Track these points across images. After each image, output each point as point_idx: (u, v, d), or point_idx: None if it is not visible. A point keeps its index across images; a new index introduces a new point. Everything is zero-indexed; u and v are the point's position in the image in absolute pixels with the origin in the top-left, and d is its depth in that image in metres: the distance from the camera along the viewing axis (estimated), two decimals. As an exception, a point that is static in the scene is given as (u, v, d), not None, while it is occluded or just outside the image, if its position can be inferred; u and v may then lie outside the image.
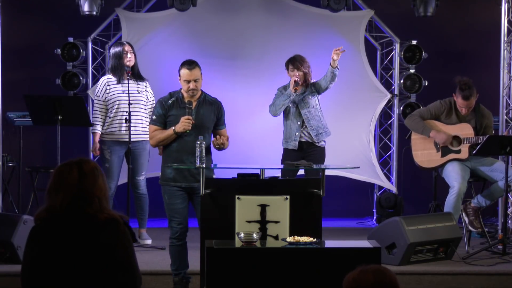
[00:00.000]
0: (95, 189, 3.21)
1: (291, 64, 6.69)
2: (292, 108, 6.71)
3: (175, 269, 5.51)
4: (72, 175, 3.21)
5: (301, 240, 4.70)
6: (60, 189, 3.20)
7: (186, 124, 5.33)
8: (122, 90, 6.80)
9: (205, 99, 5.51)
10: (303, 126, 6.72)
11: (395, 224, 6.04)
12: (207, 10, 8.04)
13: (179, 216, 5.38)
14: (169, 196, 5.43)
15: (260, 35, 8.07)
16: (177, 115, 5.41)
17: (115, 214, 3.24)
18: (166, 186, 5.45)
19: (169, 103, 5.47)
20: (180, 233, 5.42)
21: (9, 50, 7.73)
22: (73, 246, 3.15)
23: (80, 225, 3.17)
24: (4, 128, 7.64)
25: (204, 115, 5.45)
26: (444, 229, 6.19)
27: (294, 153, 6.71)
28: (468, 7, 8.71)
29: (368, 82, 8.13)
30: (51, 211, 3.20)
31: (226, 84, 7.95)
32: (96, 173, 3.25)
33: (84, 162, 3.26)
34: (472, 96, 6.59)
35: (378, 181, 8.23)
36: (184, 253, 5.49)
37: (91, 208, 3.19)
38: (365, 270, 2.68)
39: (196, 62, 5.51)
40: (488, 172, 6.68)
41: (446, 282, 5.86)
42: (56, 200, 3.19)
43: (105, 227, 3.18)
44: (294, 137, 6.71)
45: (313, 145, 6.75)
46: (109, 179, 6.87)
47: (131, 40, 7.58)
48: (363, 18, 8.16)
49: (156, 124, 5.48)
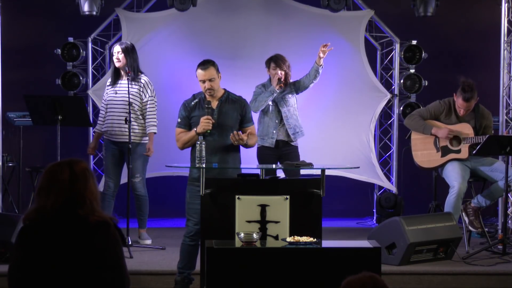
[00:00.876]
0: (86, 191, 3.18)
1: (273, 62, 6.83)
2: (271, 106, 6.84)
3: (181, 267, 5.50)
4: (63, 176, 3.17)
5: (301, 240, 4.70)
6: (51, 190, 3.16)
7: (206, 124, 5.34)
8: (114, 91, 6.84)
9: (228, 97, 5.54)
10: (280, 124, 6.83)
11: (395, 224, 6.04)
12: (207, 10, 8.04)
13: (196, 217, 5.34)
14: (190, 195, 5.42)
15: (260, 35, 8.08)
16: (200, 115, 5.43)
17: (105, 216, 3.21)
18: (190, 185, 5.44)
19: (192, 105, 5.51)
20: (194, 233, 5.41)
21: (9, 50, 7.73)
22: (63, 247, 3.12)
23: (70, 226, 3.15)
24: (4, 128, 7.64)
25: (227, 113, 5.47)
26: (444, 229, 6.19)
27: (270, 151, 6.83)
28: (468, 7, 8.71)
29: (368, 82, 8.13)
30: (41, 212, 3.17)
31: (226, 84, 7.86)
32: (87, 174, 3.22)
33: (75, 163, 3.22)
34: (473, 98, 6.60)
35: (378, 181, 8.23)
36: (194, 254, 5.49)
37: (82, 210, 3.16)
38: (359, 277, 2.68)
39: (212, 61, 5.49)
40: (488, 172, 6.68)
41: (446, 282, 5.86)
42: (47, 201, 3.16)
43: (96, 229, 3.16)
44: (271, 134, 6.82)
45: (288, 144, 6.88)
46: (107, 177, 6.92)
47: (131, 40, 7.57)
48: (363, 18, 8.16)
49: (181, 126, 5.52)
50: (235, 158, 5.47)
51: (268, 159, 6.81)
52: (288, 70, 6.84)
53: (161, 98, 7.27)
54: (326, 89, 8.05)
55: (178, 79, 7.95)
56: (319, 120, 8.13)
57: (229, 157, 5.45)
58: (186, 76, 7.69)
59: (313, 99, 8.01)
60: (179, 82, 7.91)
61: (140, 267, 5.97)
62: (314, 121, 8.08)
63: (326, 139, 8.04)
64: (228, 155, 5.44)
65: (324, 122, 8.13)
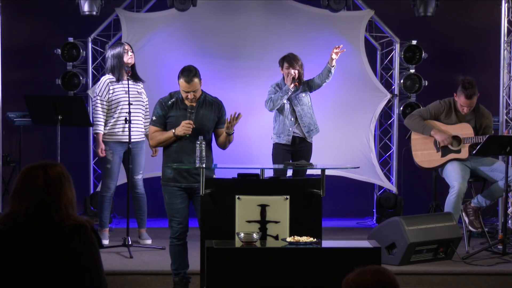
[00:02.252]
0: (61, 196, 3.11)
1: (287, 62, 6.94)
2: (286, 105, 6.94)
3: (175, 268, 5.51)
4: (37, 180, 3.10)
5: (301, 240, 4.70)
6: (24, 195, 3.10)
7: (187, 128, 5.33)
8: (124, 91, 6.77)
9: (205, 99, 5.50)
10: (296, 123, 6.94)
11: (395, 224, 6.04)
12: (207, 10, 8.03)
13: (179, 216, 5.38)
14: (169, 196, 5.43)
15: (260, 35, 8.07)
16: (177, 116, 5.41)
17: (82, 220, 3.14)
18: (166, 186, 5.45)
19: (169, 104, 5.47)
20: (180, 233, 5.42)
21: (9, 50, 7.73)
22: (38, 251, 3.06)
23: (45, 231, 3.08)
24: (4, 128, 7.64)
25: (204, 115, 5.45)
26: (444, 229, 6.19)
27: (286, 147, 6.97)
28: (468, 7, 8.70)
29: (368, 82, 8.13)
30: (14, 216, 3.10)
31: (226, 84, 7.95)
32: (62, 179, 3.13)
33: (49, 167, 3.14)
34: (474, 95, 6.61)
35: (378, 181, 8.23)
36: (184, 253, 5.50)
37: (57, 215, 3.09)
38: (364, 271, 2.68)
39: (195, 70, 5.39)
40: (488, 172, 6.68)
41: (446, 282, 5.86)
42: (21, 206, 3.09)
43: (72, 233, 3.09)
44: (287, 132, 6.93)
45: (305, 141, 7.02)
46: (110, 180, 6.88)
47: (131, 40, 7.59)
48: (363, 18, 8.16)
49: (156, 125, 5.48)
50: (209, 160, 5.41)
51: (282, 155, 6.89)
52: (301, 69, 6.97)
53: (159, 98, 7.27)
54: (326, 89, 8.03)
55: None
56: (319, 120, 8.08)
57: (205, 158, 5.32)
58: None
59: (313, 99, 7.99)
60: (179, 82, 7.89)
61: (140, 267, 5.97)
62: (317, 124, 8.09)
63: (326, 139, 8.03)
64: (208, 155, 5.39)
65: (324, 122, 8.10)
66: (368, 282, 2.65)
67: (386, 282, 2.66)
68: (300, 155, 6.91)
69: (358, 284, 2.66)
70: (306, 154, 6.95)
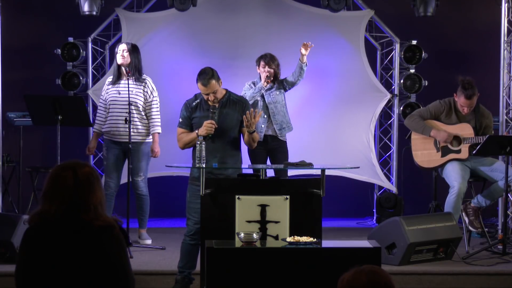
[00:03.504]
0: (90, 197, 3.15)
1: (263, 60, 7.03)
2: (260, 102, 6.98)
3: (181, 266, 5.50)
4: (67, 181, 3.14)
5: (301, 240, 4.70)
6: (54, 195, 3.14)
7: (209, 128, 5.36)
8: (117, 91, 6.83)
9: (229, 98, 5.54)
10: (269, 120, 6.97)
11: (395, 224, 6.04)
12: (207, 10, 8.03)
13: (197, 216, 5.35)
14: (190, 195, 5.43)
15: (260, 35, 8.07)
16: (201, 117, 5.47)
17: (110, 220, 3.18)
18: (191, 184, 5.46)
19: (193, 105, 5.53)
20: (194, 232, 5.42)
21: (9, 50, 7.74)
22: (67, 251, 3.10)
23: (74, 231, 3.13)
24: (4, 128, 7.64)
25: (228, 114, 5.48)
26: (444, 229, 6.19)
27: (258, 146, 6.84)
28: (468, 7, 8.71)
29: (368, 82, 8.13)
30: (44, 216, 3.14)
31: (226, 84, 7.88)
32: (91, 179, 3.17)
33: (79, 167, 3.17)
34: (474, 95, 6.61)
35: (378, 181, 8.23)
36: (194, 253, 5.49)
37: (86, 215, 3.13)
38: (359, 271, 2.68)
39: (211, 72, 5.43)
40: (488, 172, 6.68)
41: (446, 282, 5.85)
42: (51, 206, 3.13)
43: (101, 233, 3.13)
44: (260, 129, 6.91)
45: (277, 139, 7.01)
46: (107, 177, 6.91)
47: (131, 40, 7.57)
48: (363, 18, 8.16)
49: (182, 127, 5.55)
50: (235, 159, 5.47)
51: (257, 154, 6.88)
52: (277, 69, 7.00)
53: (161, 98, 7.26)
54: (326, 89, 8.05)
55: (178, 79, 7.95)
56: (319, 120, 8.13)
57: (229, 158, 5.46)
58: (186, 76, 7.68)
59: (313, 99, 8.01)
60: (179, 82, 7.91)
61: (140, 267, 5.97)
62: (314, 121, 8.09)
63: (326, 139, 8.03)
64: (228, 156, 5.46)
65: (324, 122, 8.12)
66: (363, 282, 2.65)
67: (380, 282, 2.66)
68: (275, 153, 6.92)
69: (353, 285, 2.66)
70: (281, 152, 6.94)
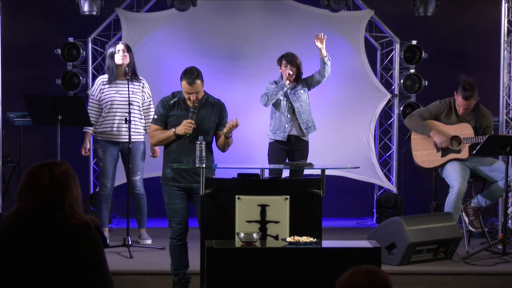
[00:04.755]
0: (66, 194, 3.13)
1: (285, 59, 7.00)
2: (283, 101, 6.97)
3: (175, 269, 5.51)
4: (42, 178, 3.12)
5: (301, 240, 4.70)
6: (30, 193, 3.12)
7: (188, 127, 5.34)
8: (115, 90, 6.82)
9: (208, 100, 5.51)
10: (292, 120, 6.95)
11: (395, 224, 6.04)
12: (207, 10, 8.03)
13: (178, 216, 5.38)
14: (168, 196, 5.44)
15: (260, 35, 8.07)
16: (178, 115, 5.43)
17: (86, 219, 3.15)
18: (165, 186, 5.46)
19: (171, 103, 5.49)
20: (179, 233, 5.43)
21: (9, 50, 7.73)
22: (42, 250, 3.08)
23: (50, 229, 3.10)
24: (4, 128, 7.64)
25: (205, 116, 5.45)
26: (444, 229, 6.19)
27: (281, 145, 6.96)
28: (468, 7, 8.71)
29: (368, 82, 8.13)
30: (20, 214, 3.12)
31: (226, 84, 7.95)
32: (67, 177, 3.15)
33: (55, 165, 3.16)
34: (472, 97, 6.60)
35: (378, 181, 8.23)
36: (184, 253, 5.50)
37: (61, 213, 3.11)
38: (357, 271, 2.68)
39: (197, 72, 5.42)
40: (488, 172, 6.68)
41: (446, 282, 5.86)
42: (26, 204, 3.11)
43: (76, 232, 3.10)
44: (283, 129, 6.93)
45: (300, 139, 7.01)
46: (104, 178, 6.90)
47: (131, 40, 7.58)
48: (363, 18, 8.16)
49: (157, 123, 5.50)
50: (209, 160, 5.42)
51: (279, 154, 6.89)
52: (299, 67, 7.01)
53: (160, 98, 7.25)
54: (326, 89, 8.04)
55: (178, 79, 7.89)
56: (319, 120, 8.08)
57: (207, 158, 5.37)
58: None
59: (313, 99, 7.99)
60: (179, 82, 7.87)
61: (140, 267, 5.97)
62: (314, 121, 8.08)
63: (326, 139, 8.03)
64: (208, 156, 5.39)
65: (324, 122, 8.11)
66: (361, 282, 2.65)
67: (378, 282, 2.66)
68: (296, 154, 6.92)
69: (351, 284, 2.66)
70: (302, 153, 6.96)
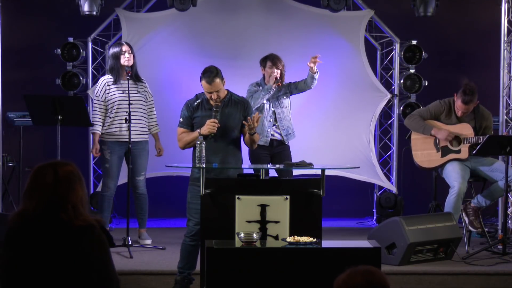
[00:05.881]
0: (70, 195, 3.11)
1: (270, 61, 6.88)
2: (266, 105, 6.86)
3: (181, 267, 5.51)
4: (46, 179, 3.10)
5: (301, 240, 4.70)
6: (33, 194, 3.10)
7: (212, 127, 5.36)
8: (122, 91, 6.81)
9: (231, 98, 5.55)
10: (275, 124, 6.87)
11: (395, 224, 6.04)
12: (207, 10, 8.03)
13: (197, 217, 5.34)
14: (191, 195, 5.43)
15: (260, 35, 8.07)
16: (203, 116, 5.46)
17: (91, 220, 3.13)
18: (191, 185, 5.45)
19: (195, 105, 5.52)
20: (195, 233, 5.41)
21: (9, 50, 7.73)
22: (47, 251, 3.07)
23: (53, 231, 3.08)
24: (4, 128, 7.64)
25: (229, 114, 5.48)
26: (444, 229, 6.19)
27: (263, 150, 6.84)
28: (468, 7, 8.71)
29: (368, 82, 8.13)
30: (24, 215, 3.11)
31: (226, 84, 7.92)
32: (72, 177, 3.14)
33: (60, 165, 3.14)
34: (472, 102, 6.61)
35: (378, 181, 8.23)
36: (194, 254, 5.49)
37: (65, 215, 3.09)
38: (354, 271, 2.68)
39: (215, 70, 5.45)
40: (488, 172, 6.68)
41: (446, 282, 5.86)
42: (30, 205, 3.10)
43: (80, 233, 3.09)
44: (266, 133, 6.85)
45: (282, 143, 6.92)
46: (109, 179, 6.88)
47: (131, 40, 7.58)
48: (363, 18, 8.16)
49: (183, 126, 5.53)
50: (237, 159, 5.48)
51: (261, 158, 6.82)
52: (283, 70, 6.90)
53: (161, 98, 7.28)
54: (326, 89, 8.04)
55: (178, 79, 7.95)
56: (319, 120, 8.13)
57: (231, 157, 5.46)
58: (186, 76, 7.70)
59: (313, 99, 8.01)
60: (179, 82, 7.91)
61: (140, 267, 5.97)
62: (314, 121, 8.09)
63: (326, 139, 8.03)
64: (230, 155, 5.46)
65: (324, 122, 8.13)
66: (358, 283, 2.65)
67: (376, 283, 2.66)
68: (279, 158, 6.78)
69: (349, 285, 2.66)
70: (285, 157, 6.81)
